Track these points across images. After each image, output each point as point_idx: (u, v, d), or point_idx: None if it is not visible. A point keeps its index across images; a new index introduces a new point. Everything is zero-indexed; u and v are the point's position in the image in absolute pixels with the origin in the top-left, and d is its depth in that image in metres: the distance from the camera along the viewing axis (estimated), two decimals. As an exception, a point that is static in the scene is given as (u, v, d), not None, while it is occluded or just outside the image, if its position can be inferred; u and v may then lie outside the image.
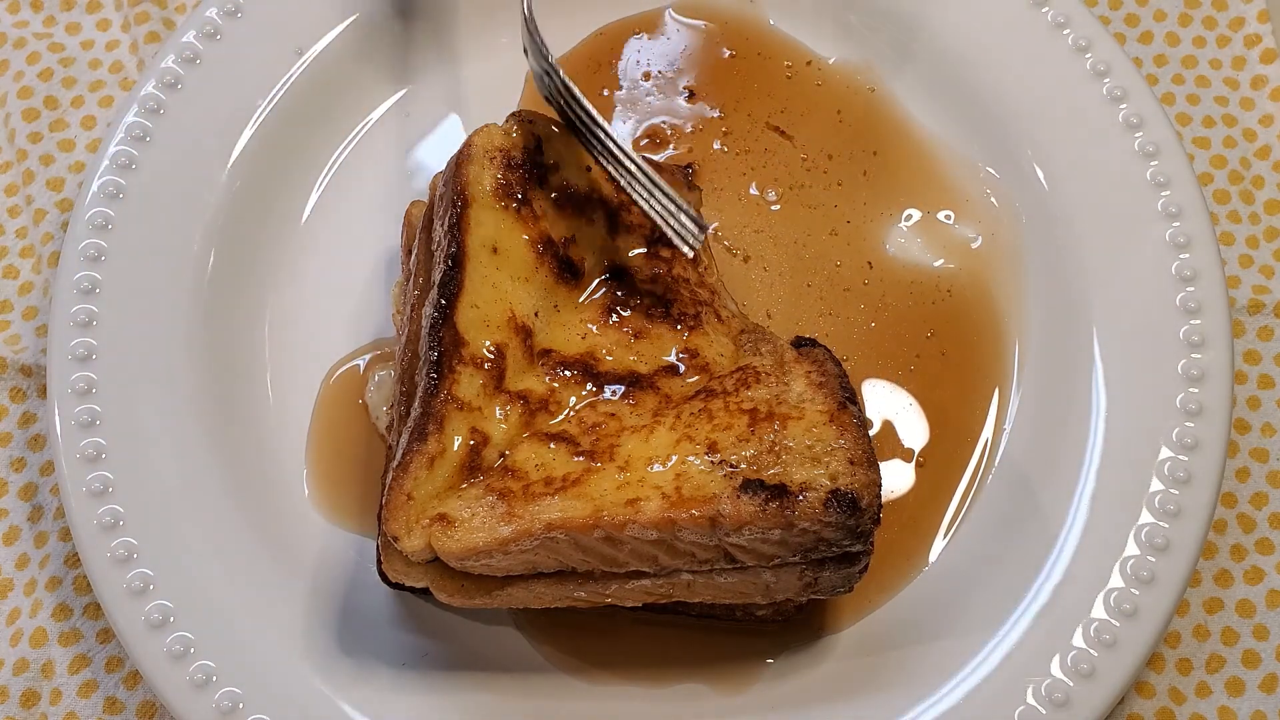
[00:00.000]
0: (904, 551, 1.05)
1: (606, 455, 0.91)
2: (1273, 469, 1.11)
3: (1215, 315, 1.07)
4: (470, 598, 0.92)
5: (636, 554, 0.89)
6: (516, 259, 0.98)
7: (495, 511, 0.88)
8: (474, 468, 0.91)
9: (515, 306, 0.96)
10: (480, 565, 0.90)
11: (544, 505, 0.88)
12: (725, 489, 0.88)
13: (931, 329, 1.13)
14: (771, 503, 0.86)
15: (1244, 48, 1.28)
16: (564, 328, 0.98)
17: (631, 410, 0.95)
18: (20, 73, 1.27)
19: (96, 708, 1.04)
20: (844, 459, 0.88)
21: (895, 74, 1.23)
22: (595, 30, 1.26)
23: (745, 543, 0.88)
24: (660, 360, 0.99)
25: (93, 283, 1.08)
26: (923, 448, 1.09)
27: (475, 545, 0.87)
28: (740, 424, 0.92)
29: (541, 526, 0.87)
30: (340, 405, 1.11)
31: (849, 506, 0.86)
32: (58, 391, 1.05)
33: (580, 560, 0.90)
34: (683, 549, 0.89)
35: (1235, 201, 1.21)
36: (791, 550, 0.89)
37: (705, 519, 0.87)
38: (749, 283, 1.15)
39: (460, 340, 0.93)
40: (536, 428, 0.93)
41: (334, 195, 1.19)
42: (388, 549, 0.92)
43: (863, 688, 0.99)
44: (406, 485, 0.89)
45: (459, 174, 0.98)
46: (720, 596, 0.94)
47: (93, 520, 1.01)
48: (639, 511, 0.87)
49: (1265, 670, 1.04)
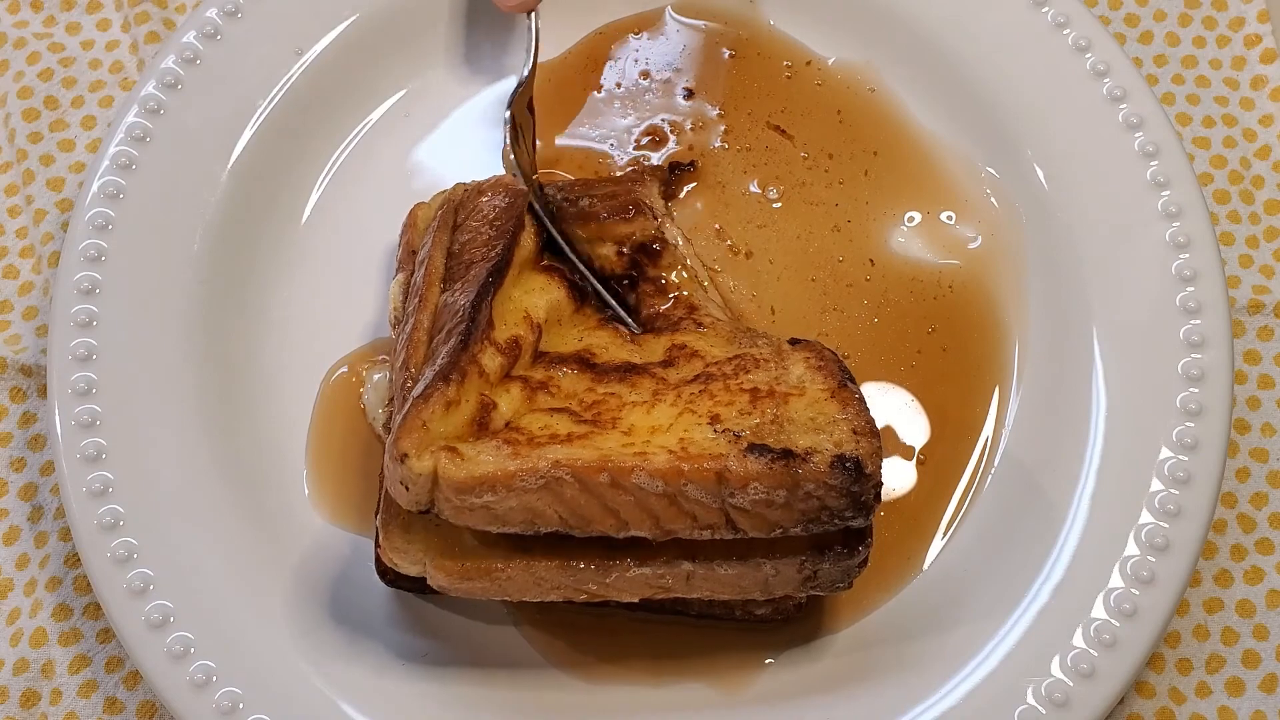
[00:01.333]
0: (904, 550, 1.05)
1: (609, 424, 0.93)
2: (1273, 469, 1.11)
3: (1215, 315, 1.07)
4: (469, 578, 0.92)
5: (639, 507, 0.89)
6: (541, 276, 1.05)
7: (502, 451, 0.89)
8: (483, 425, 0.92)
9: (532, 311, 1.01)
10: (481, 504, 0.88)
11: (551, 449, 0.90)
12: (732, 450, 0.88)
13: (933, 325, 1.13)
14: (778, 462, 0.87)
15: (1244, 48, 1.28)
16: (563, 336, 1.03)
17: (631, 390, 0.96)
18: (20, 73, 1.27)
19: (96, 708, 1.04)
20: (847, 429, 0.90)
21: (895, 74, 1.23)
22: (594, 30, 1.25)
23: (749, 504, 0.88)
24: (654, 357, 1.00)
25: (93, 283, 1.08)
26: (923, 446, 1.09)
27: (481, 474, 0.87)
28: (742, 400, 0.93)
29: (548, 464, 0.88)
30: (339, 405, 1.11)
31: (854, 470, 0.87)
32: (58, 391, 1.05)
33: (581, 516, 0.89)
34: (685, 508, 0.89)
35: (1235, 201, 1.21)
36: (794, 518, 0.89)
37: (712, 473, 0.87)
38: (753, 277, 1.15)
39: (492, 322, 0.97)
40: (539, 405, 0.95)
41: (334, 195, 1.19)
42: (387, 525, 0.93)
43: (863, 687, 0.99)
44: (425, 414, 0.90)
45: (522, 201, 1.07)
46: (719, 591, 0.94)
47: (93, 520, 1.01)
48: (647, 460, 0.88)
49: (1265, 670, 1.05)
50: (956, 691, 0.97)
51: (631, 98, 1.23)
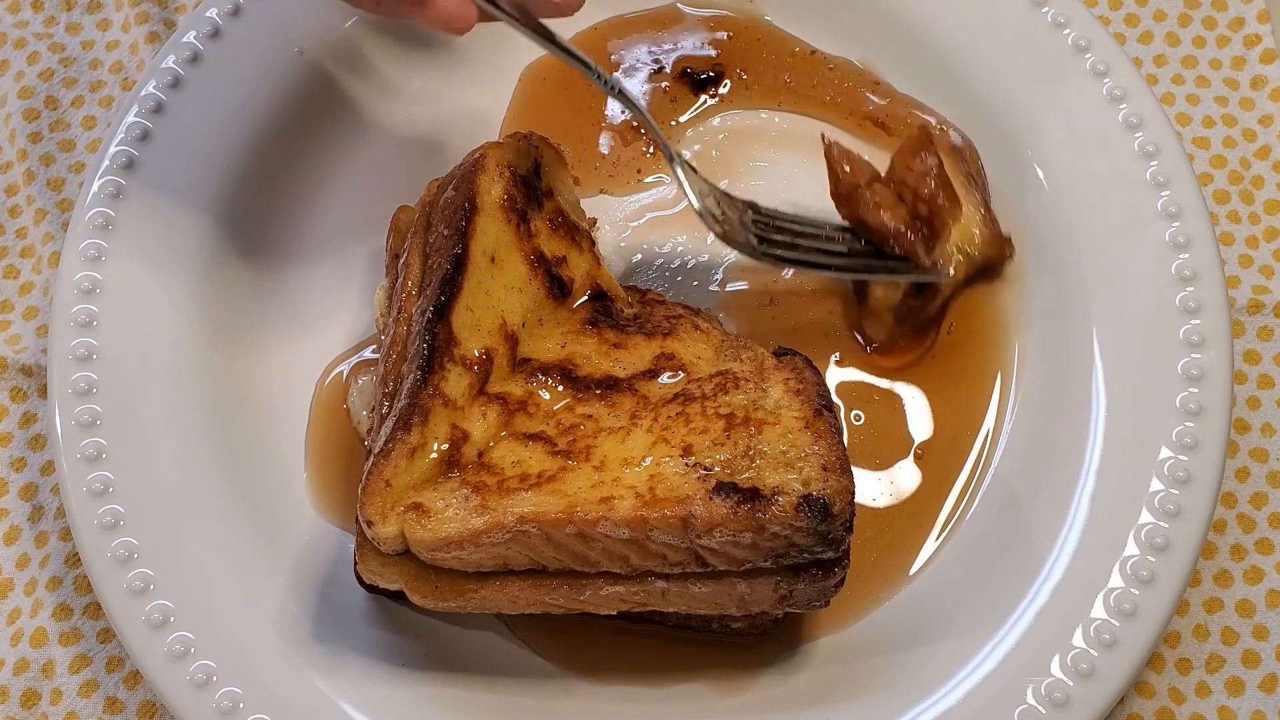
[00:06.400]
0: (902, 551, 1.05)
1: (583, 455, 0.92)
2: (1273, 469, 1.11)
3: (1215, 315, 1.07)
4: (444, 599, 0.93)
5: (608, 553, 0.90)
6: (512, 270, 1.00)
7: (469, 504, 0.89)
8: (452, 463, 0.92)
9: (507, 315, 0.98)
10: (451, 558, 0.90)
11: (518, 499, 0.89)
12: (698, 491, 0.88)
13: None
14: (743, 505, 0.87)
15: (1244, 48, 1.28)
16: (545, 339, 1.00)
17: (609, 412, 0.96)
18: (20, 73, 1.27)
19: (97, 708, 1.04)
20: (818, 465, 0.89)
21: (894, 74, 1.23)
22: (591, 26, 1.25)
23: (717, 545, 0.88)
24: (638, 366, 0.99)
25: (93, 283, 1.08)
26: (922, 444, 1.09)
27: (447, 536, 0.88)
28: (716, 428, 0.92)
29: (514, 519, 0.88)
30: (334, 406, 1.11)
31: (820, 512, 0.87)
32: (58, 391, 1.05)
33: (552, 558, 0.91)
34: (654, 550, 0.89)
35: (1235, 201, 1.21)
36: (763, 555, 0.89)
37: (677, 519, 0.87)
38: (755, 264, 1.13)
39: (453, 339, 0.95)
40: (515, 428, 0.95)
41: (334, 195, 1.19)
42: (362, 548, 0.93)
43: (862, 688, 0.99)
44: (386, 472, 0.90)
45: (471, 182, 1.00)
46: (695, 607, 0.94)
47: (93, 520, 1.01)
48: (612, 509, 0.88)
49: (1265, 670, 1.05)
50: (956, 691, 0.97)
51: (633, 88, 1.22)
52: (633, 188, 1.20)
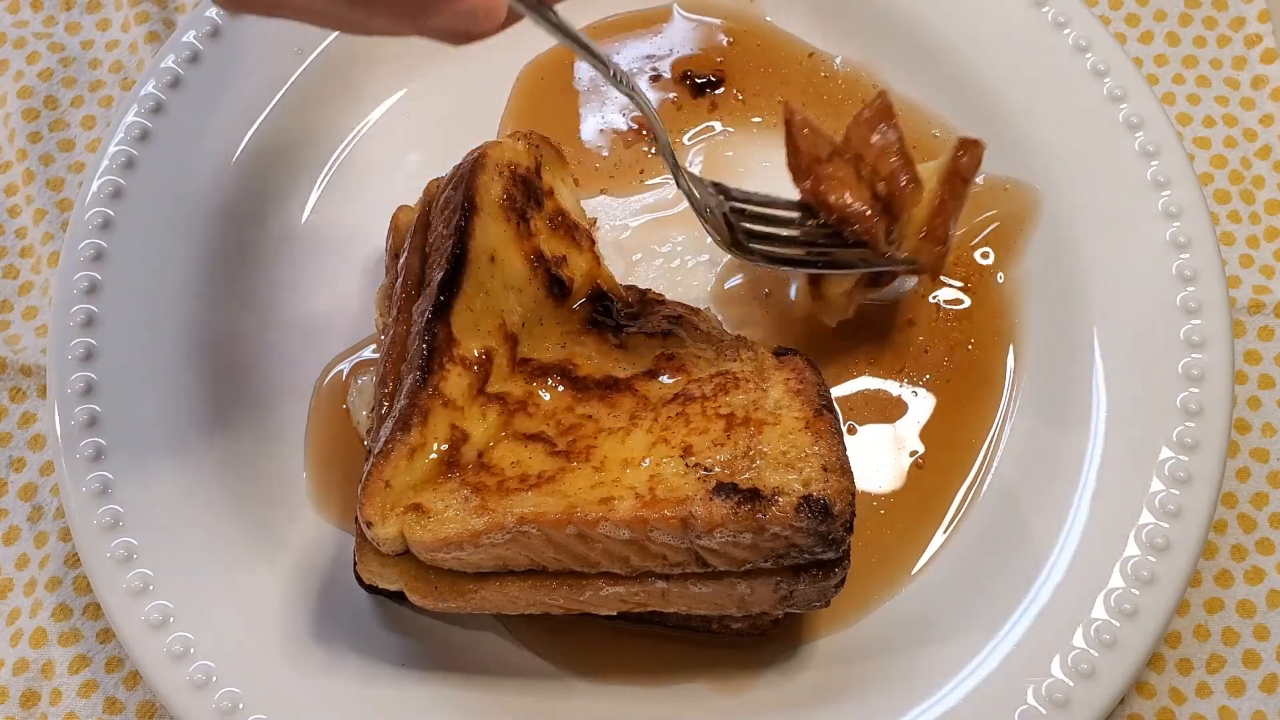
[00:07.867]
0: (903, 551, 1.05)
1: (582, 456, 0.92)
2: (1273, 469, 1.11)
3: (1215, 315, 1.07)
4: (443, 600, 0.93)
5: (608, 553, 0.90)
6: (512, 269, 0.99)
7: (469, 504, 0.90)
8: (452, 464, 0.92)
9: (506, 315, 0.98)
10: (451, 558, 0.90)
11: (518, 500, 0.89)
12: (699, 491, 0.88)
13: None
14: (743, 506, 0.87)
15: (1244, 48, 1.28)
16: (545, 339, 1.00)
17: (609, 412, 0.96)
18: (20, 73, 1.27)
19: (96, 708, 1.04)
20: (818, 465, 0.89)
21: (894, 74, 1.23)
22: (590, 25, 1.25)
23: (717, 546, 0.88)
24: (638, 366, 0.99)
25: (93, 283, 1.08)
26: (922, 444, 1.09)
27: (447, 536, 0.88)
28: (716, 428, 0.92)
29: (514, 520, 0.88)
30: (334, 406, 1.11)
31: (820, 512, 0.87)
32: (58, 391, 1.05)
33: (552, 559, 0.91)
34: (654, 550, 0.89)
35: (1235, 201, 1.21)
36: (763, 555, 0.89)
37: (677, 520, 0.87)
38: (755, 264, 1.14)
39: (452, 339, 0.95)
40: (514, 429, 0.95)
41: (334, 195, 1.19)
42: (362, 548, 0.94)
43: (862, 688, 0.99)
44: (386, 472, 0.90)
45: (471, 181, 0.99)
46: (696, 607, 0.94)
47: (93, 520, 1.01)
48: (612, 510, 0.88)
49: (1265, 670, 1.04)
50: (957, 692, 0.97)
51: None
52: (633, 188, 1.20)
